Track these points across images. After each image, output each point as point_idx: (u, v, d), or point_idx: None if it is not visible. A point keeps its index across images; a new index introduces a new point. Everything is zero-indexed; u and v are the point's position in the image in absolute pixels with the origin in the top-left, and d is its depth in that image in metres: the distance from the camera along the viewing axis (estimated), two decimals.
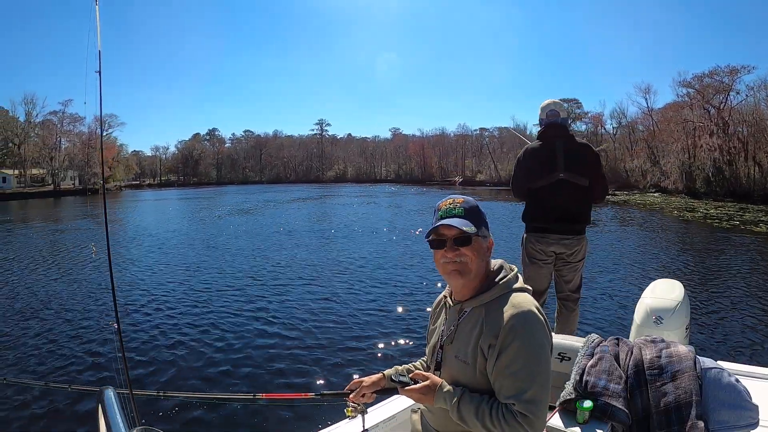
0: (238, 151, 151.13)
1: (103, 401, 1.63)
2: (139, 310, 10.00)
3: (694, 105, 57.88)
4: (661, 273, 12.73)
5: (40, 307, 10.37)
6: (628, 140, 74.64)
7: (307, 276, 13.32)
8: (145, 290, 11.79)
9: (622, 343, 2.65)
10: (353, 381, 2.34)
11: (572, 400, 2.41)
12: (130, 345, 7.75)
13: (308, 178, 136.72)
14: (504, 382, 1.79)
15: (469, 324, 1.96)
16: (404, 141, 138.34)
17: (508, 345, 1.78)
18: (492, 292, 1.95)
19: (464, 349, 1.93)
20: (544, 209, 4.61)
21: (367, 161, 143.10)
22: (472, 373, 1.90)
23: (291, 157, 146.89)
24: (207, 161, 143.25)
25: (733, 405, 2.34)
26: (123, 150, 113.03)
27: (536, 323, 1.83)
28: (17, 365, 7.16)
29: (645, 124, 72.33)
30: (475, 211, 1.99)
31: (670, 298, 3.43)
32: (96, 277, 13.39)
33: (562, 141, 4.65)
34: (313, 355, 7.54)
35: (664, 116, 64.73)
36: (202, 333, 8.51)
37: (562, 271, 4.77)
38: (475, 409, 1.82)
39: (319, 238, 21.60)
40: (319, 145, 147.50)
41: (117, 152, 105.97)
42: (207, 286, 12.21)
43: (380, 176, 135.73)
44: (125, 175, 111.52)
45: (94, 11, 3.26)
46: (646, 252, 17.19)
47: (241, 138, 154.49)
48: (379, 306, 10.05)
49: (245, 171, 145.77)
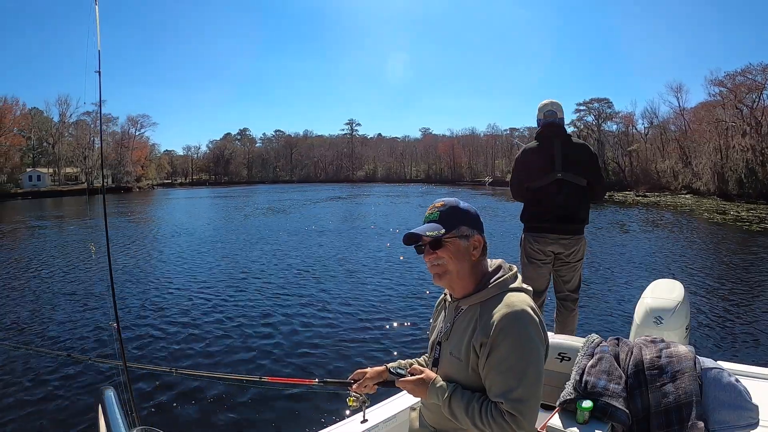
0: (269, 150, 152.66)
1: (103, 401, 1.65)
2: (146, 307, 10.13)
3: (727, 104, 56.45)
4: (664, 274, 12.49)
5: (40, 307, 10.40)
6: (660, 140, 73.13)
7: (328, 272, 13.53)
8: (148, 289, 11.88)
9: (622, 343, 2.64)
10: (356, 371, 2.37)
11: (572, 400, 2.42)
12: (130, 345, 7.76)
13: (338, 177, 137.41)
14: (493, 381, 1.82)
15: (464, 321, 1.99)
16: (434, 141, 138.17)
17: (499, 344, 1.80)
18: (487, 290, 1.97)
19: (458, 347, 1.96)
20: (541, 209, 4.60)
21: (397, 161, 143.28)
22: (465, 370, 1.93)
23: (321, 157, 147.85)
24: (238, 161, 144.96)
25: (733, 405, 2.33)
26: (155, 149, 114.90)
27: (528, 323, 1.84)
28: (17, 365, 7.08)
29: (677, 124, 70.93)
30: (451, 213, 2.01)
31: (670, 298, 3.41)
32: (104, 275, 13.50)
33: (559, 141, 4.63)
34: (321, 343, 7.74)
35: (696, 116, 63.38)
36: (204, 332, 8.50)
37: (561, 271, 4.75)
38: (465, 406, 1.85)
39: (345, 235, 21.87)
40: (349, 145, 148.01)
41: (149, 152, 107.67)
42: (225, 283, 12.42)
43: (410, 176, 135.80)
44: (157, 174, 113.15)
45: (94, 11, 3.28)
46: (660, 253, 16.94)
47: (271, 138, 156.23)
48: (391, 301, 10.17)
49: (276, 170, 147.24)
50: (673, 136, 70.50)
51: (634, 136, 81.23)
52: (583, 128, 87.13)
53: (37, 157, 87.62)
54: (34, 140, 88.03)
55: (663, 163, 68.19)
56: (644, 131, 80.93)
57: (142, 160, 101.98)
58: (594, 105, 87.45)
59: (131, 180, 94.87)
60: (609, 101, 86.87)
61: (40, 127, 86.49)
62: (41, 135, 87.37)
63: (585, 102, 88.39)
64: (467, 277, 2.01)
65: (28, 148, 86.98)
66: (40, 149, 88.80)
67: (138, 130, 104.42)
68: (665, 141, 71.66)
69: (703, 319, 8.70)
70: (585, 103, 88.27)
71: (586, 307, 9.11)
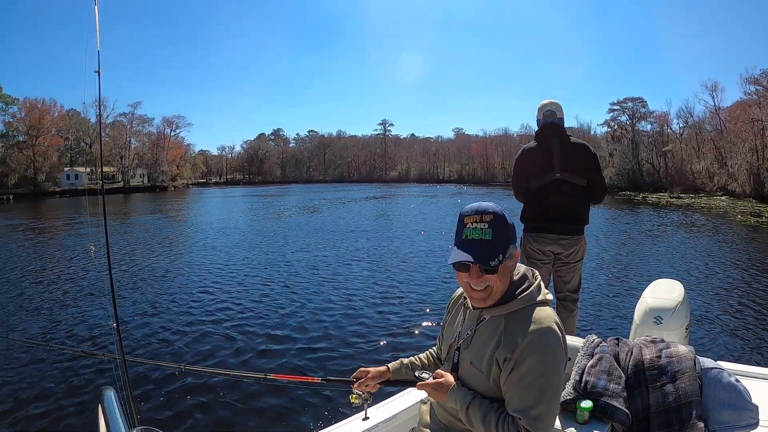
0: (303, 150, 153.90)
1: (103, 401, 1.65)
2: (149, 306, 10.17)
3: (763, 103, 54.59)
4: (669, 274, 12.15)
5: (40, 307, 10.34)
6: (695, 141, 71.20)
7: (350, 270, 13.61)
8: (150, 287, 11.96)
9: (621, 343, 2.65)
10: (359, 370, 2.43)
11: (572, 400, 2.42)
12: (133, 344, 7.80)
13: (371, 177, 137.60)
14: (514, 395, 1.83)
15: (487, 332, 1.98)
16: (467, 141, 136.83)
17: (524, 360, 1.81)
18: (514, 303, 1.95)
19: (479, 357, 1.97)
20: (540, 209, 4.62)
21: (430, 161, 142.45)
22: (485, 381, 1.94)
23: (354, 157, 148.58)
24: (272, 160, 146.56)
25: (733, 405, 2.34)
26: (190, 149, 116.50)
27: (554, 341, 1.85)
28: (17, 364, 7.06)
29: (712, 124, 68.90)
30: (502, 228, 1.92)
31: (670, 298, 3.39)
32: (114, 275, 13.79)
33: (558, 141, 4.64)
34: (326, 342, 7.81)
35: (732, 115, 61.57)
36: (208, 330, 8.54)
37: (561, 272, 4.75)
38: (483, 416, 1.88)
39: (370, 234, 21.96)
40: (382, 145, 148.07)
41: (184, 151, 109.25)
42: (247, 279, 12.58)
43: (443, 176, 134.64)
44: (192, 174, 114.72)
45: (93, 11, 3.28)
46: (677, 255, 16.53)
47: (305, 138, 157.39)
48: (404, 303, 10.11)
49: (309, 170, 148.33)
50: (708, 136, 68.52)
51: (669, 136, 79.22)
52: (617, 128, 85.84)
53: (74, 157, 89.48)
54: (71, 140, 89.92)
55: (698, 164, 66.48)
56: (679, 131, 79.20)
57: (177, 160, 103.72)
58: (628, 105, 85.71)
59: (167, 179, 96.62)
60: (643, 100, 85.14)
61: (77, 128, 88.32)
62: (78, 135, 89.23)
63: (619, 101, 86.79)
64: (500, 293, 1.97)
65: (66, 148, 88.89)
66: (78, 149, 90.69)
67: (173, 130, 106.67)
68: (701, 141, 69.72)
69: (703, 319, 8.61)
70: (619, 103, 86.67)
71: (587, 307, 9.05)
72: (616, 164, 79.76)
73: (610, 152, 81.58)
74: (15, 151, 79.31)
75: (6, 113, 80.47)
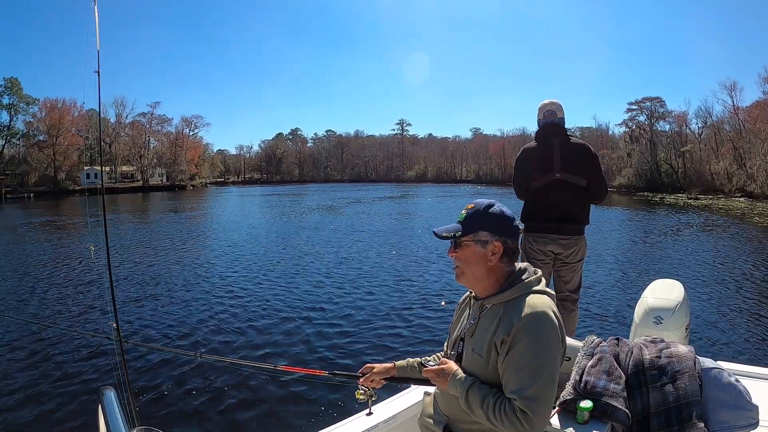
0: (320, 150, 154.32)
1: (103, 401, 1.66)
2: (149, 304, 10.33)
3: None
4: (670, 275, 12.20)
5: (39, 306, 10.47)
6: (714, 141, 70.28)
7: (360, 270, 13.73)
8: (151, 287, 12.09)
9: (621, 343, 2.64)
10: (365, 366, 2.46)
11: (572, 401, 2.41)
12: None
13: (389, 177, 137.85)
14: (509, 377, 1.88)
15: (488, 320, 2.05)
16: (484, 141, 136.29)
17: (518, 341, 1.87)
18: (512, 291, 2.03)
19: (480, 344, 2.03)
20: (540, 209, 4.61)
21: (448, 161, 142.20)
22: (486, 367, 2.00)
23: (372, 157, 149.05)
24: (289, 160, 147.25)
25: (733, 405, 2.32)
26: (208, 149, 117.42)
27: (548, 324, 1.91)
28: (16, 364, 7.11)
29: (731, 124, 67.99)
30: (475, 216, 2.10)
31: (670, 298, 3.37)
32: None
33: (558, 141, 4.63)
34: (334, 336, 7.98)
35: (751, 115, 60.92)
36: (210, 329, 8.62)
37: (561, 272, 4.72)
38: (481, 400, 1.92)
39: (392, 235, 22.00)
40: (399, 145, 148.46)
41: (202, 151, 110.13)
42: (262, 273, 12.97)
43: (460, 176, 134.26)
44: (210, 173, 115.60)
45: (93, 11, 3.31)
46: (684, 256, 16.49)
47: (323, 137, 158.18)
48: (415, 301, 10.25)
49: (327, 170, 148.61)
50: (727, 136, 67.62)
51: (687, 136, 78.36)
52: (635, 128, 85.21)
53: (94, 156, 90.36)
54: (91, 140, 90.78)
55: (717, 164, 65.71)
56: (698, 131, 78.28)
57: (195, 160, 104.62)
58: (646, 104, 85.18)
59: (185, 178, 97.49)
60: (661, 100, 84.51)
61: (97, 128, 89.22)
62: (98, 134, 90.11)
63: (637, 101, 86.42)
64: (484, 280, 2.10)
65: (86, 147, 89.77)
66: (97, 148, 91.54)
67: (192, 130, 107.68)
68: (719, 141, 68.85)
69: (703, 319, 8.60)
70: (637, 102, 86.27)
71: (586, 307, 9.06)
72: (634, 165, 79.19)
73: (628, 152, 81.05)
74: (35, 150, 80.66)
75: (26, 113, 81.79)
